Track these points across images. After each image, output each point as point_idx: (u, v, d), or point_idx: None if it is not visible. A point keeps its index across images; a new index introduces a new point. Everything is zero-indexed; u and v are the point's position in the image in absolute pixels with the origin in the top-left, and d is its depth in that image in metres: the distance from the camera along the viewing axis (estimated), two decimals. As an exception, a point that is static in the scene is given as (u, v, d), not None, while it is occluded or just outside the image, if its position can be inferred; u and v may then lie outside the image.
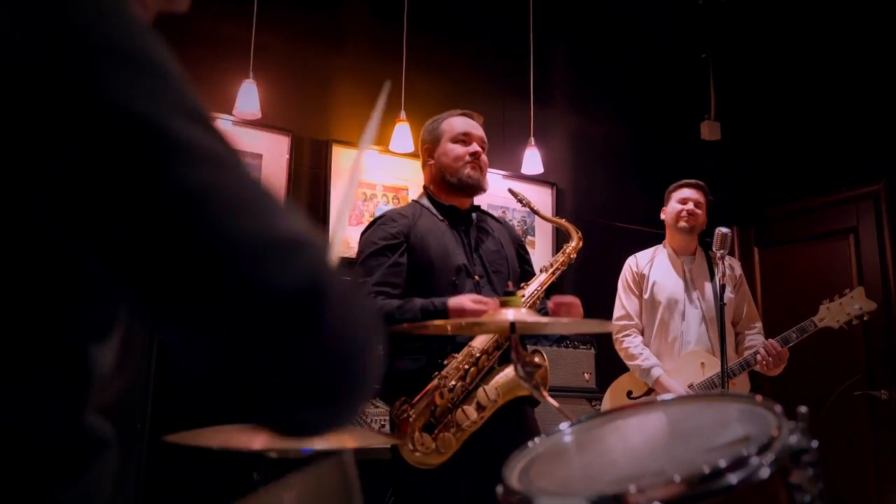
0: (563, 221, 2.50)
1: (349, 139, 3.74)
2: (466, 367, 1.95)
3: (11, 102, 0.50)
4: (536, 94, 4.23)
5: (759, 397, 0.98)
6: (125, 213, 0.51)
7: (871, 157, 4.10)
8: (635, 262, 3.37)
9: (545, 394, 1.40)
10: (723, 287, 2.75)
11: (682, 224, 3.24)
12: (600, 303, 3.49)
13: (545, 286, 2.21)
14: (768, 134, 4.71)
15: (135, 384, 2.63)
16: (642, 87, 4.84)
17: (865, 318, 2.93)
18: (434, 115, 2.38)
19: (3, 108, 0.50)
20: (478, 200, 4.08)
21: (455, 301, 1.94)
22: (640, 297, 3.30)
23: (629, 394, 3.29)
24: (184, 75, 0.56)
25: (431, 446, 1.88)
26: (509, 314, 1.41)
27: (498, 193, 3.51)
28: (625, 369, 3.30)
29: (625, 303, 3.31)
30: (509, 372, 1.95)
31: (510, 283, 1.50)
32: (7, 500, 0.57)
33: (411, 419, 1.87)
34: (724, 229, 2.77)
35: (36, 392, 0.58)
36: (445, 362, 1.97)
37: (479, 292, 2.14)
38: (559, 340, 2.88)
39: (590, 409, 3.67)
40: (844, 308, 2.94)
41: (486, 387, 1.93)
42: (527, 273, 2.35)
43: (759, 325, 3.27)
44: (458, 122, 2.31)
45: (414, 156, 3.69)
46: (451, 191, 2.28)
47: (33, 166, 0.51)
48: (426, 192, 2.35)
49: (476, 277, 2.16)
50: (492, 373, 1.98)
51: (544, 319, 1.51)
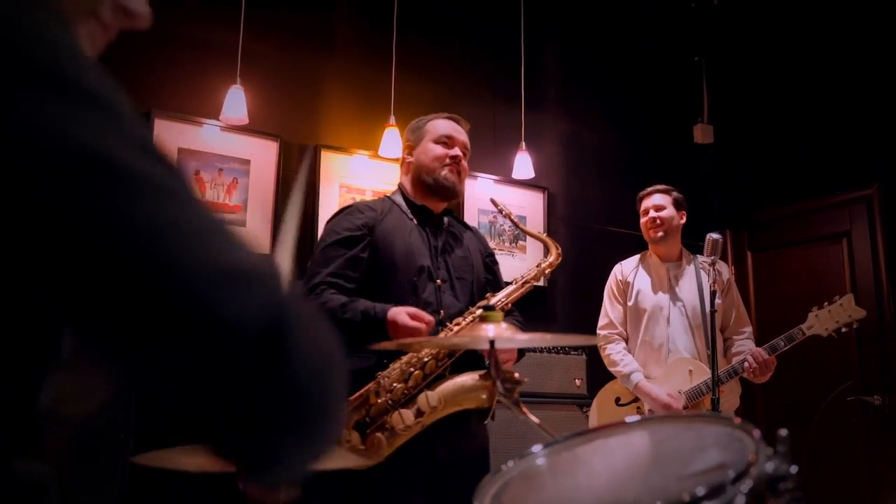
0: (543, 236, 2.46)
1: (338, 144, 3.71)
2: (412, 369, 1.90)
3: None
4: (527, 98, 4.20)
5: (737, 420, 0.96)
6: (73, 246, 0.49)
7: (864, 161, 4.08)
8: (620, 270, 3.36)
9: (525, 410, 1.37)
10: (713, 293, 2.73)
11: (651, 235, 3.24)
12: (592, 307, 3.47)
13: (511, 297, 2.15)
14: (762, 137, 4.69)
15: (119, 391, 2.60)
16: (635, 90, 4.81)
17: (855, 326, 2.90)
18: (420, 116, 2.35)
19: None
20: (470, 205, 4.13)
21: (392, 313, 1.89)
22: (624, 305, 3.28)
23: (617, 400, 3.27)
24: (132, 109, 0.55)
25: (358, 444, 1.81)
26: (489, 330, 1.38)
27: (487, 199, 3.49)
28: (614, 376, 3.28)
29: (609, 311, 3.29)
30: (459, 381, 1.88)
31: (489, 296, 1.45)
32: None
33: None
34: (714, 235, 2.75)
35: None
36: (391, 363, 1.91)
37: (440, 297, 2.11)
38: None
39: (581, 415, 3.64)
40: (833, 316, 2.91)
41: (429, 392, 1.86)
42: (490, 285, 2.29)
43: (748, 330, 3.24)
44: (442, 125, 2.28)
45: (403, 161, 3.66)
46: (425, 191, 2.24)
47: None
48: (400, 189, 2.31)
49: (438, 281, 2.12)
50: (440, 379, 1.91)
51: (523, 335, 1.48)
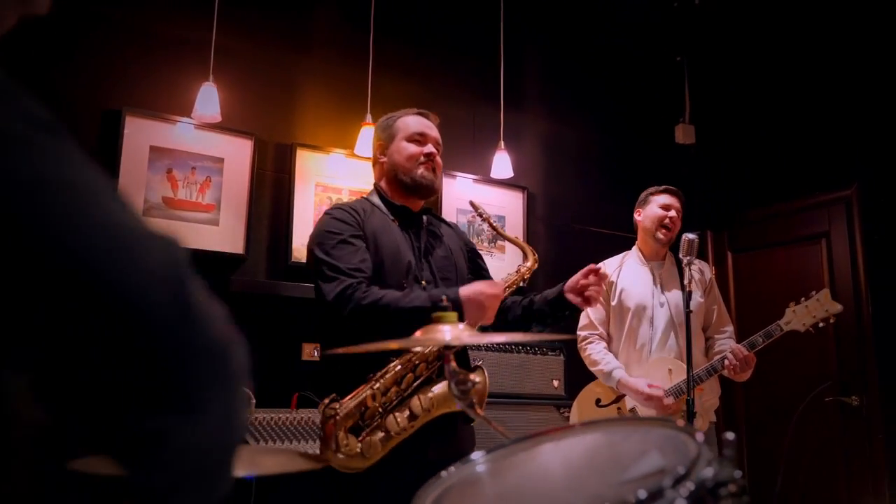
0: (520, 241, 2.45)
1: (314, 143, 3.68)
2: (404, 372, 1.89)
3: None
4: (507, 98, 4.18)
5: (680, 422, 0.93)
6: None
7: (844, 162, 4.08)
8: (603, 270, 3.33)
9: (480, 412, 1.35)
10: (689, 294, 2.71)
11: (661, 234, 3.19)
12: (570, 309, 3.44)
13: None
14: (743, 138, 4.68)
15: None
16: (616, 90, 4.80)
17: (831, 321, 2.89)
18: (388, 114, 2.31)
19: None
20: (448, 204, 4.09)
21: (467, 291, 1.90)
22: (607, 304, 3.26)
23: (597, 402, 3.24)
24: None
25: (356, 449, 1.79)
26: (445, 331, 1.35)
27: (467, 198, 3.46)
28: (593, 377, 3.25)
29: (590, 312, 3.26)
30: (447, 384, 1.88)
31: (444, 298, 1.43)
32: None
33: (338, 418, 1.80)
34: (690, 235, 2.73)
35: None
36: (385, 367, 1.90)
37: (445, 298, 2.07)
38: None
39: (558, 416, 3.62)
40: (810, 311, 2.90)
41: (421, 396, 1.87)
42: (478, 278, 2.27)
43: (730, 329, 3.23)
44: (413, 121, 2.24)
45: (380, 160, 3.63)
46: (403, 191, 2.21)
47: None
48: (376, 189, 2.27)
49: (423, 283, 2.10)
50: (430, 383, 1.92)
51: (482, 337, 1.45)
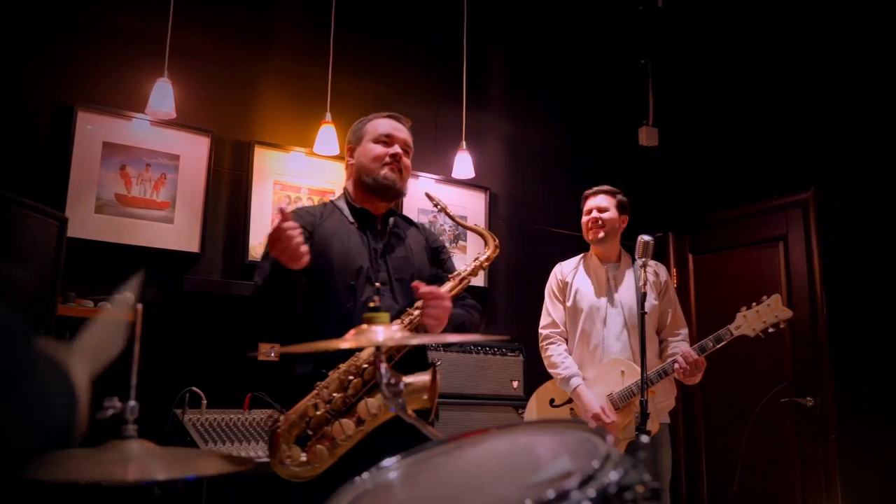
0: (479, 228, 2.44)
1: (273, 140, 3.64)
2: (350, 377, 1.88)
3: None
4: (469, 98, 4.17)
5: (592, 424, 0.93)
6: None
7: (801, 166, 4.13)
8: (560, 270, 3.35)
9: (411, 413, 1.33)
10: (643, 295, 2.72)
11: (590, 235, 3.25)
12: (533, 307, 3.44)
13: (451, 294, 2.13)
14: (705, 141, 4.72)
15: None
16: (580, 91, 4.82)
17: (781, 326, 2.92)
18: (361, 118, 2.32)
19: None
20: (409, 204, 4.07)
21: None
22: (564, 304, 3.27)
23: (551, 402, 3.25)
24: None
25: (300, 459, 1.79)
26: (378, 332, 1.33)
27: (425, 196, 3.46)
28: (551, 377, 3.26)
29: (551, 310, 3.28)
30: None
31: (376, 299, 1.41)
32: None
33: (280, 430, 1.78)
34: (645, 237, 2.74)
35: None
36: (330, 372, 1.89)
37: (378, 298, 2.06)
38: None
39: (516, 417, 3.62)
40: (761, 316, 2.93)
41: (368, 400, 1.85)
42: (440, 279, 2.27)
43: (684, 332, 3.24)
44: (382, 124, 2.26)
45: (339, 158, 3.60)
46: (366, 192, 2.21)
47: None
48: (344, 192, 2.29)
49: (377, 284, 2.08)
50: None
51: (414, 338, 1.43)
